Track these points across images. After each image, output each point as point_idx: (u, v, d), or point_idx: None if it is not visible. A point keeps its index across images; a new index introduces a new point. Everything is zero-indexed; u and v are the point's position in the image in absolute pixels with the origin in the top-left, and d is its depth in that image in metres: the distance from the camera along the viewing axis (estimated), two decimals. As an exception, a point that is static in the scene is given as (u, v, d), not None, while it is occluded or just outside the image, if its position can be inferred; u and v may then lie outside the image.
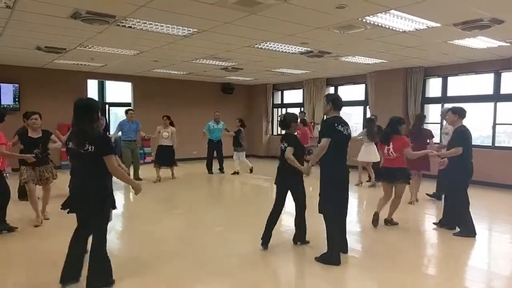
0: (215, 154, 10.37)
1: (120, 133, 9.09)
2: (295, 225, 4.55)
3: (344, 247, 4.24)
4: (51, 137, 5.36)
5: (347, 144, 4.14)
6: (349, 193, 4.26)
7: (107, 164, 3.16)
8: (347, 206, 4.24)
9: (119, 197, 7.67)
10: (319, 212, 4.09)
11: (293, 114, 4.59)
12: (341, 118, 4.13)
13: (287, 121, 4.43)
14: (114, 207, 3.46)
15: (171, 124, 9.16)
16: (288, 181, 4.35)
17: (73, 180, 3.30)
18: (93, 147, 3.12)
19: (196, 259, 4.12)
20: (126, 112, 9.15)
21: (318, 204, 4.10)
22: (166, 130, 9.06)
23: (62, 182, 6.61)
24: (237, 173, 10.12)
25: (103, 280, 3.32)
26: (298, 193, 4.39)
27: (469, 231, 5.01)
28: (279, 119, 4.82)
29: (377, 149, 7.04)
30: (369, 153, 8.32)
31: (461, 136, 5.05)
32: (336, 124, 4.02)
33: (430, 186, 7.50)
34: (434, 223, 5.46)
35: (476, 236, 4.99)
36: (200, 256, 4.22)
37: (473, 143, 5.29)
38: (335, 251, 3.97)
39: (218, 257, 4.19)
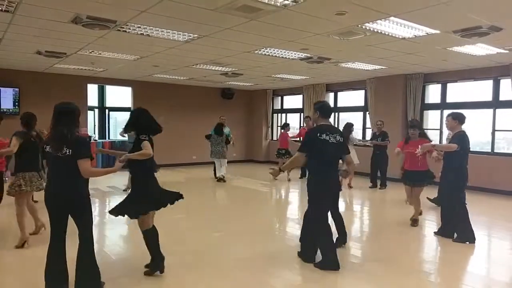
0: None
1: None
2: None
3: (342, 238, 4.51)
4: None
5: (338, 151, 4.09)
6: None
7: (81, 168, 3.10)
8: (337, 203, 4.49)
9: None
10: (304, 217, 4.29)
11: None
12: (327, 126, 4.07)
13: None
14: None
15: None
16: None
17: (49, 183, 3.28)
18: (71, 150, 3.11)
19: (196, 263, 4.10)
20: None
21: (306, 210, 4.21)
22: None
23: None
24: (223, 180, 9.75)
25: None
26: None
27: (468, 237, 5.01)
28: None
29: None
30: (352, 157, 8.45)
31: (459, 139, 5.10)
32: (318, 134, 3.95)
33: (432, 191, 7.48)
34: (434, 232, 5.40)
35: (475, 241, 4.98)
36: (200, 260, 4.20)
37: (472, 149, 5.32)
38: (330, 256, 3.95)
39: (218, 261, 4.18)
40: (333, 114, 12.35)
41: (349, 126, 8.83)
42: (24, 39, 6.65)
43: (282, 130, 10.69)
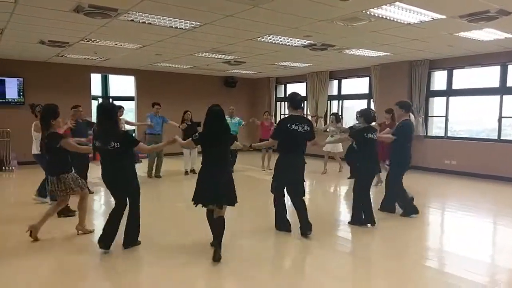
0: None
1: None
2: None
3: (305, 228, 4.55)
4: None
5: (305, 139, 4.57)
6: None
7: (141, 151, 4.33)
8: (297, 188, 4.60)
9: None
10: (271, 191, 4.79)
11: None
12: (296, 116, 4.58)
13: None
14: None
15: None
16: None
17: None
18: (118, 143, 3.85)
19: (200, 250, 4.13)
20: (153, 105, 9.07)
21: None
22: (121, 122, 8.41)
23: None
24: (192, 171, 9.26)
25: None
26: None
27: (411, 210, 5.45)
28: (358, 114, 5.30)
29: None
30: (336, 144, 9.10)
31: (401, 129, 5.41)
32: (288, 124, 4.47)
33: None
34: (378, 209, 5.61)
35: (419, 213, 5.43)
36: (203, 247, 4.23)
37: (478, 137, 5.34)
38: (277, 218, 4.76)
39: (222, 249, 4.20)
40: (337, 101, 12.43)
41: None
42: (26, 29, 6.62)
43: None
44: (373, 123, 5.26)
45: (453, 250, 4.41)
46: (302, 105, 4.82)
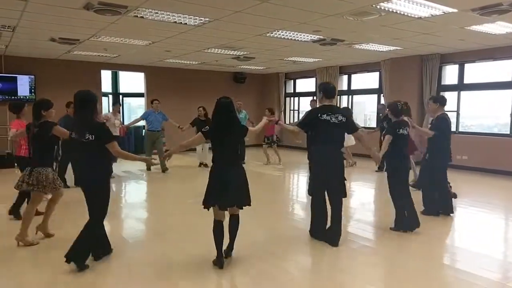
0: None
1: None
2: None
3: (334, 237, 4.17)
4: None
5: (339, 131, 4.20)
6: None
7: (111, 150, 3.54)
8: (336, 194, 4.20)
9: (131, 187, 7.79)
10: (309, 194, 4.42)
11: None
12: (329, 106, 4.22)
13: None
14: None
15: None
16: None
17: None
18: (93, 135, 3.47)
19: (208, 246, 4.16)
20: (152, 102, 9.12)
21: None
22: (117, 118, 8.45)
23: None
24: (205, 165, 9.31)
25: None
26: None
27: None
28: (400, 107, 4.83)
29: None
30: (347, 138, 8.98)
31: (439, 123, 5.26)
32: (319, 114, 4.13)
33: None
34: (421, 212, 5.26)
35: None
36: (212, 243, 4.25)
37: (490, 132, 5.27)
38: (313, 224, 4.34)
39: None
40: (347, 96, 12.35)
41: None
42: (37, 27, 6.70)
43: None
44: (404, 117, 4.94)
45: (465, 247, 4.38)
46: (335, 94, 4.50)
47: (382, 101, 10.84)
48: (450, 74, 9.87)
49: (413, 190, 5.25)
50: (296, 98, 14.46)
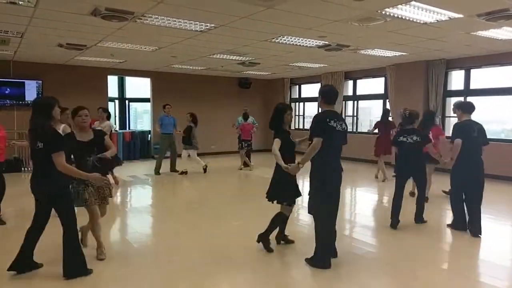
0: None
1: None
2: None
3: (333, 252, 3.94)
4: (106, 139, 3.99)
5: (343, 140, 3.80)
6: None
7: (55, 161, 3.20)
8: (336, 210, 3.83)
9: (137, 192, 7.81)
10: (309, 213, 3.87)
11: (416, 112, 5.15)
12: (334, 112, 3.82)
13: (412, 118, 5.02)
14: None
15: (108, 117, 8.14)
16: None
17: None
18: (42, 143, 3.24)
19: (213, 251, 4.16)
20: (164, 106, 9.33)
21: (308, 204, 3.86)
22: (104, 124, 8.12)
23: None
24: (185, 172, 9.26)
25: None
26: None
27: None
28: (405, 115, 5.03)
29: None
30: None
31: (454, 129, 4.95)
32: (328, 119, 3.65)
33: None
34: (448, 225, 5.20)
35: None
36: (217, 249, 4.25)
37: (497, 137, 5.15)
38: (324, 253, 3.75)
39: (236, 250, 4.22)
40: (352, 102, 12.34)
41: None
42: (45, 32, 6.78)
43: (243, 120, 10.17)
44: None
45: (471, 253, 4.33)
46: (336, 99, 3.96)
47: (388, 107, 10.81)
48: (456, 80, 9.83)
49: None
50: (302, 104, 14.47)
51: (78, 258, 3.44)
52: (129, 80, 13.24)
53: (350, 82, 12.41)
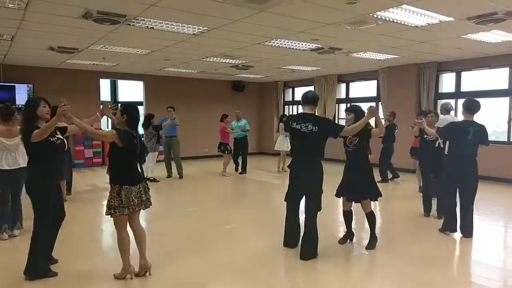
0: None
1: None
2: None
3: (303, 251, 4.07)
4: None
5: (309, 141, 3.97)
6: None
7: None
8: (308, 201, 4.12)
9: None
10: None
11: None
12: (302, 114, 4.13)
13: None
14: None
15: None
16: None
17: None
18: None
19: (209, 256, 4.14)
20: (167, 109, 9.22)
21: None
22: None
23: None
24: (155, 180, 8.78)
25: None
26: None
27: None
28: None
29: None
30: (279, 143, 10.09)
31: (446, 128, 5.05)
32: (290, 122, 4.11)
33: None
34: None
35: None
36: (213, 252, 4.23)
37: (488, 139, 5.15)
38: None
39: (231, 254, 4.20)
40: (345, 104, 12.37)
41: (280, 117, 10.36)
42: (36, 36, 6.72)
43: (221, 122, 9.87)
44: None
45: (464, 254, 4.35)
46: (317, 102, 4.24)
47: (380, 109, 10.87)
48: (447, 82, 9.92)
49: None
50: (295, 106, 14.51)
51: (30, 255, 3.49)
52: (122, 84, 13.17)
53: (343, 85, 12.47)
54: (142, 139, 3.72)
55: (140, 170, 3.58)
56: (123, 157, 3.44)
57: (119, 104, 3.62)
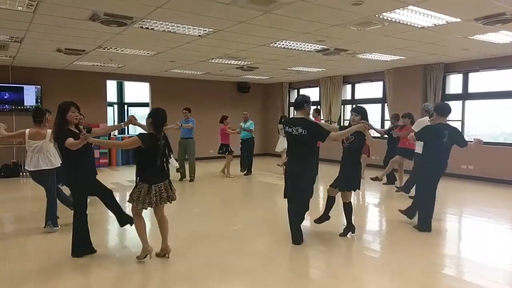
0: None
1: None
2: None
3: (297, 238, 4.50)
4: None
5: (300, 143, 4.32)
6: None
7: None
8: (297, 201, 4.48)
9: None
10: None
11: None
12: (293, 119, 4.47)
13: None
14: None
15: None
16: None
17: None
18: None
19: (213, 256, 4.15)
20: (182, 110, 9.25)
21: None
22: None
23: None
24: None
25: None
26: None
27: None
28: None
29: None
30: (280, 145, 10.10)
31: (423, 130, 5.22)
32: (285, 125, 4.50)
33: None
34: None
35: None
36: (218, 253, 4.24)
37: (496, 141, 5.22)
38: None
39: (235, 255, 4.21)
40: (350, 106, 12.33)
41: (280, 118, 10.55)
42: (44, 37, 6.79)
43: (221, 124, 9.88)
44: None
45: (470, 257, 4.32)
46: (305, 106, 4.44)
47: (386, 111, 10.83)
48: (454, 83, 9.86)
49: None
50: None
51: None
52: (128, 85, 13.25)
53: (349, 86, 12.43)
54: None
55: (166, 169, 3.90)
56: (146, 158, 3.74)
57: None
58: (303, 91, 14.40)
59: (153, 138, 3.73)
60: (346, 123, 10.05)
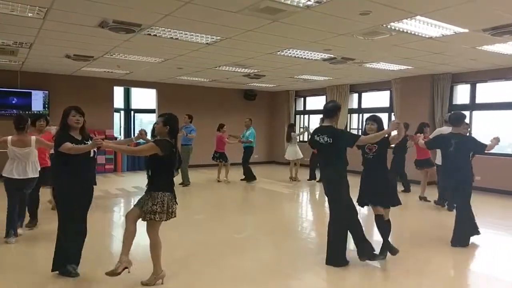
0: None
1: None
2: None
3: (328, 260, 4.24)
4: None
5: (328, 152, 4.21)
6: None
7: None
8: (331, 207, 4.29)
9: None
10: None
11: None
12: (321, 127, 4.36)
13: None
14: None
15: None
16: None
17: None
18: None
19: (216, 264, 4.12)
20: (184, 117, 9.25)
21: None
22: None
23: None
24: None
25: None
26: None
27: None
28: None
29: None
30: (290, 153, 10.23)
31: (434, 138, 5.52)
32: (314, 135, 4.35)
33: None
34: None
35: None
36: (220, 261, 4.21)
37: (504, 152, 5.20)
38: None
39: (238, 263, 4.18)
40: (357, 115, 12.32)
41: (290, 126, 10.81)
42: (53, 43, 6.86)
43: (218, 132, 10.13)
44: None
45: (478, 269, 4.25)
46: (337, 113, 4.33)
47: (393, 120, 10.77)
48: (461, 94, 9.80)
49: None
50: (306, 116, 14.48)
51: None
52: (135, 91, 13.34)
53: (355, 95, 12.41)
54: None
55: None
56: (164, 165, 3.58)
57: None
58: (309, 99, 14.40)
59: (170, 144, 3.58)
60: (354, 132, 10.09)
